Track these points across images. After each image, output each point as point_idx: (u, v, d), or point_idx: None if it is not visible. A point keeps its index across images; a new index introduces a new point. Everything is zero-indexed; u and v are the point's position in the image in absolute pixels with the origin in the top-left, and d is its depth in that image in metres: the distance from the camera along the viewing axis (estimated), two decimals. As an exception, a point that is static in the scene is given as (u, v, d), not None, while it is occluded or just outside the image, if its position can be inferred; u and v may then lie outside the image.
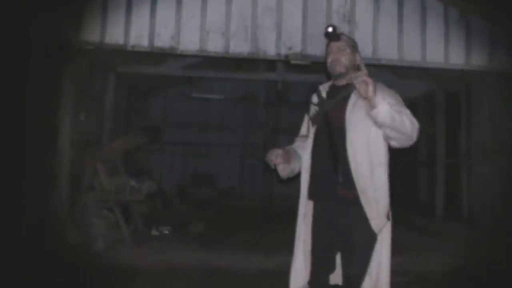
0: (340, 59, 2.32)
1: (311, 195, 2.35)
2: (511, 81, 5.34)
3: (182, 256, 4.70)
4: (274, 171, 2.41)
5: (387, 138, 2.21)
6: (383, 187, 2.24)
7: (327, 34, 2.34)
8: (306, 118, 2.52)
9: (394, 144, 2.22)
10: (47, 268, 3.79)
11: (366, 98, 2.07)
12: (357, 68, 2.41)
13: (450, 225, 6.48)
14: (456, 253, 4.86)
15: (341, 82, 2.37)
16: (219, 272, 4.33)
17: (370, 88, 2.03)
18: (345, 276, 2.30)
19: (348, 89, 2.30)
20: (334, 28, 2.33)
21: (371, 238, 2.22)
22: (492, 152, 5.92)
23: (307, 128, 2.45)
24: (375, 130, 2.20)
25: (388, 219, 2.27)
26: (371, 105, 2.07)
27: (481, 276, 4.12)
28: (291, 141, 2.61)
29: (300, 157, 2.45)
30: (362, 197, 2.19)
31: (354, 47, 2.39)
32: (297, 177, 2.46)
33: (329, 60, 2.37)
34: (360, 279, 2.22)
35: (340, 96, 2.31)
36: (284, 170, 2.40)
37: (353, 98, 2.26)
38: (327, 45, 2.40)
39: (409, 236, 5.90)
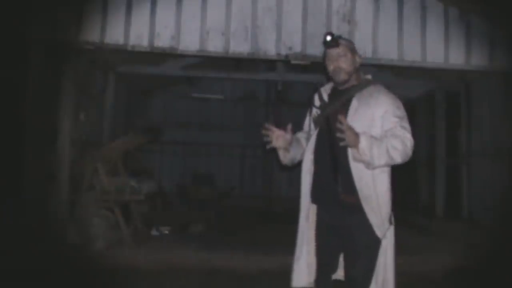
0: (342, 67, 2.29)
1: (313, 199, 2.35)
2: (511, 81, 5.34)
3: (182, 256, 4.70)
4: (272, 152, 2.42)
5: None
6: (386, 193, 2.25)
7: (325, 43, 2.30)
8: (307, 117, 2.52)
9: None
10: (47, 268, 3.78)
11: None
12: (358, 70, 2.40)
13: (450, 225, 6.47)
14: (456, 253, 4.85)
15: (343, 86, 2.35)
16: (219, 272, 4.33)
17: (350, 140, 2.10)
18: (348, 277, 2.30)
19: (349, 93, 2.30)
20: (333, 35, 2.29)
21: (374, 240, 2.22)
22: (492, 152, 5.92)
23: (309, 127, 2.45)
24: (377, 136, 2.20)
25: (391, 223, 2.27)
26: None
27: (481, 276, 4.12)
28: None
29: (303, 147, 2.44)
30: (365, 205, 2.19)
31: (353, 49, 2.36)
32: (297, 169, 2.45)
33: (330, 68, 2.34)
34: (363, 280, 2.22)
35: (340, 101, 2.30)
36: (285, 157, 2.42)
37: (354, 104, 2.26)
38: (326, 51, 2.36)
39: (409, 236, 5.88)
